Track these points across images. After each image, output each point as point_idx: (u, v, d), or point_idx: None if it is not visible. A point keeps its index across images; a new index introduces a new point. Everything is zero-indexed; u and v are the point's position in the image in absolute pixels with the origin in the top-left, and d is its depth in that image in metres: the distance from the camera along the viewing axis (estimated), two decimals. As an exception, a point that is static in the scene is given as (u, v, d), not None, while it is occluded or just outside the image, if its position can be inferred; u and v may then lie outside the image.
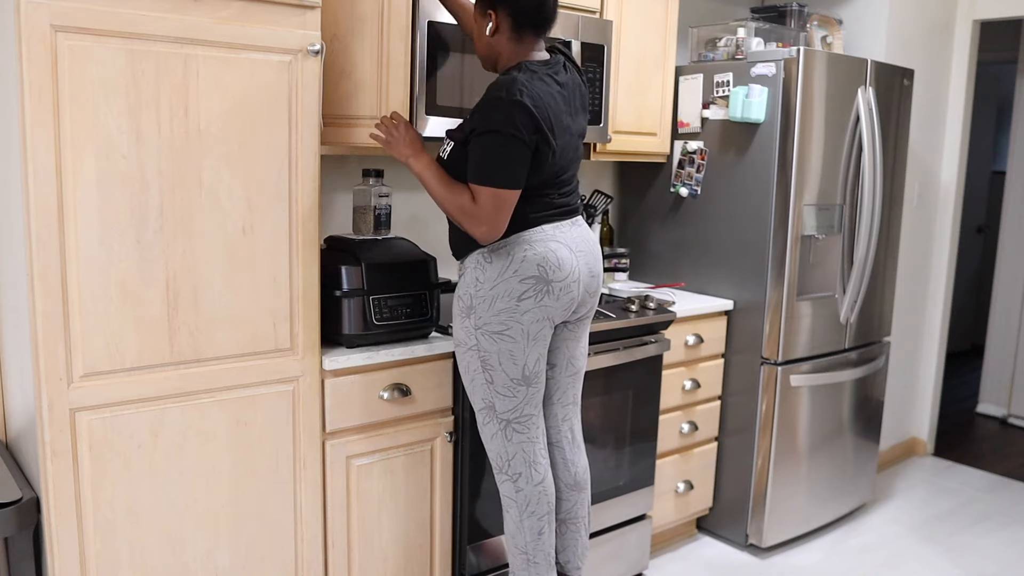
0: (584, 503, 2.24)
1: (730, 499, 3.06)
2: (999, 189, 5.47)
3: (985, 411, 4.82)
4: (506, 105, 1.82)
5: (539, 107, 1.84)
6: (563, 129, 1.93)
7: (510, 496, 2.08)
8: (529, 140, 1.83)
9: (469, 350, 1.99)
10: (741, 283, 2.94)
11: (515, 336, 1.95)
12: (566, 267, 1.95)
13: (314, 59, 1.86)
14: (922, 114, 3.72)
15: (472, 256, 1.99)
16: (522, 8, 1.89)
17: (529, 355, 1.98)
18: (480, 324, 1.96)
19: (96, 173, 1.62)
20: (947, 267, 3.97)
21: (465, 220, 1.88)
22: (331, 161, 2.53)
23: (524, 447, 2.04)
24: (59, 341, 1.62)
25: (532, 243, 1.94)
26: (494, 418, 2.03)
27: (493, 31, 1.92)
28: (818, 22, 3.28)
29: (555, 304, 1.96)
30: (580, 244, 2.01)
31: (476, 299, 1.96)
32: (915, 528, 3.30)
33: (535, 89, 1.85)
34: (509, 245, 1.94)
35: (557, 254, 1.95)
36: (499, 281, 1.93)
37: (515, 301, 1.93)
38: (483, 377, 2.00)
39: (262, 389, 1.90)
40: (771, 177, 2.81)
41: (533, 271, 1.92)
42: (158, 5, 1.64)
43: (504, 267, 1.93)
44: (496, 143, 1.83)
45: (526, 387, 2.00)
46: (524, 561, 2.11)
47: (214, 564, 1.90)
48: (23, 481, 1.79)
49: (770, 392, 2.90)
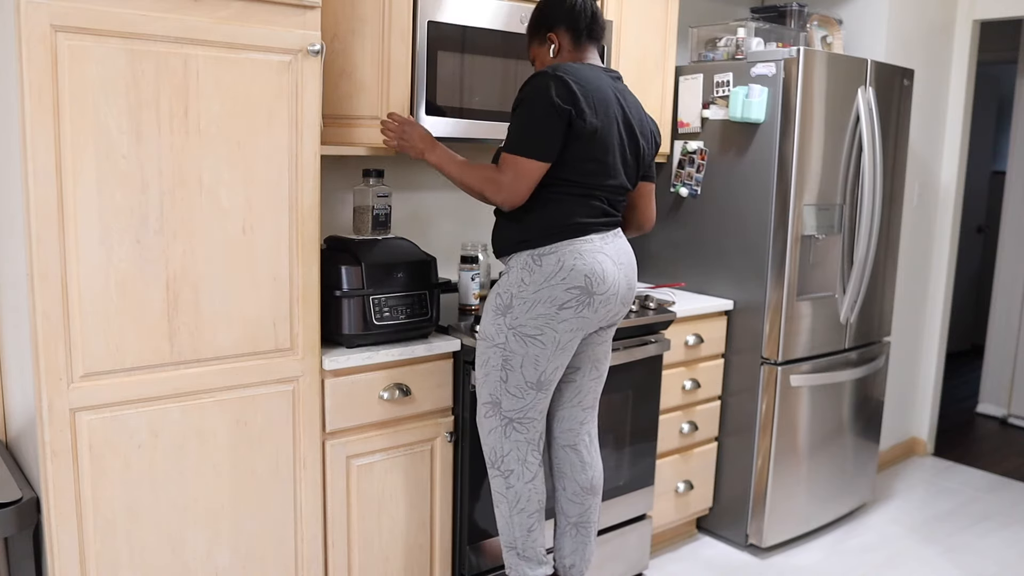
0: (596, 508, 2.24)
1: (730, 499, 3.06)
2: (999, 189, 5.47)
3: (985, 411, 4.82)
4: (544, 78, 1.90)
5: (579, 82, 1.90)
6: (610, 117, 1.96)
7: (501, 492, 2.09)
8: (562, 110, 1.87)
9: (495, 346, 1.99)
10: (741, 283, 2.94)
11: (546, 343, 1.95)
12: (609, 280, 1.97)
13: (314, 59, 1.86)
14: (922, 114, 3.72)
15: (521, 256, 1.98)
16: (578, 22, 2.01)
17: (551, 363, 1.98)
18: (514, 324, 1.95)
19: (96, 173, 1.62)
20: (947, 267, 3.97)
21: (487, 188, 1.93)
22: (331, 161, 2.53)
23: (519, 446, 2.05)
24: (59, 341, 1.62)
25: (583, 253, 1.94)
26: (497, 414, 2.03)
27: (557, 51, 2.04)
28: (818, 22, 3.28)
29: (592, 316, 1.97)
30: (622, 256, 2.03)
31: (517, 299, 1.95)
32: (915, 528, 3.30)
33: (581, 72, 1.93)
34: (560, 252, 1.93)
35: (603, 267, 1.96)
36: (544, 286, 1.93)
37: (556, 309, 1.93)
38: (499, 375, 2.00)
39: (262, 389, 1.90)
40: (771, 177, 2.81)
41: (580, 281, 1.93)
42: (158, 5, 1.64)
43: (553, 273, 1.93)
44: (526, 114, 1.90)
45: (536, 391, 2.01)
46: (514, 555, 2.12)
47: (214, 564, 1.90)
48: (23, 481, 1.79)
49: (770, 392, 2.90)
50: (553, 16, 2.03)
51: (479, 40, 2.31)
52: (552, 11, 2.04)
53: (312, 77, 1.87)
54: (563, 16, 2.02)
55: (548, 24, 2.04)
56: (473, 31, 2.29)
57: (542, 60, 2.08)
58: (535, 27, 2.08)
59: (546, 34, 2.05)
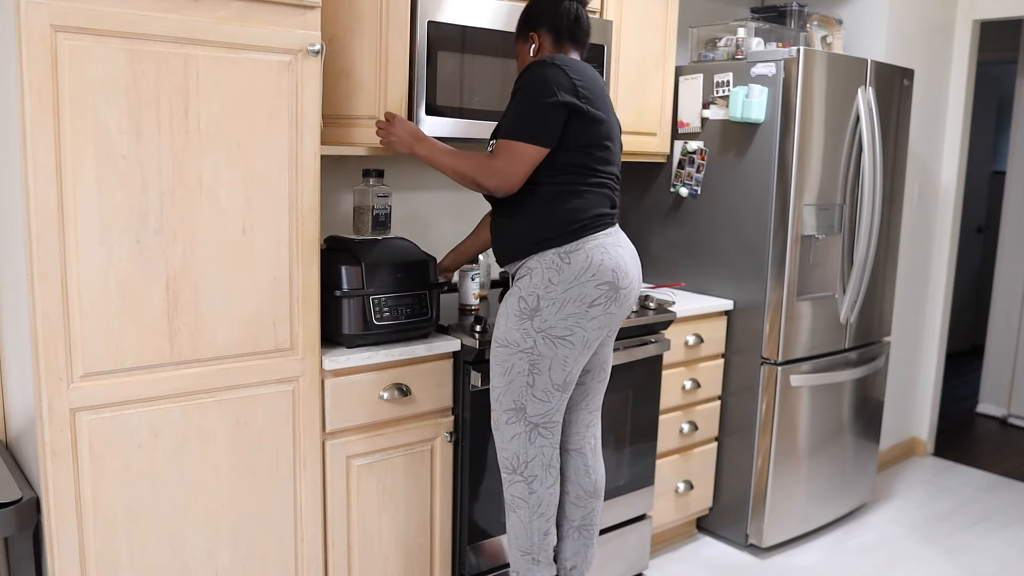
0: (598, 511, 2.24)
1: (730, 499, 3.06)
2: (999, 189, 5.47)
3: (985, 411, 4.82)
4: (542, 67, 1.92)
5: (575, 73, 1.92)
6: (607, 107, 1.99)
7: (521, 497, 2.07)
8: (560, 97, 1.88)
9: (521, 352, 1.96)
10: (741, 283, 2.94)
11: (575, 343, 1.94)
12: (631, 274, 1.98)
13: (314, 59, 1.86)
14: (922, 114, 3.72)
15: (545, 255, 1.94)
16: (560, 23, 2.02)
17: (578, 362, 1.98)
18: (544, 327, 1.93)
19: (96, 173, 1.62)
20: (947, 267, 3.97)
21: (480, 173, 1.92)
22: (331, 161, 2.53)
23: (544, 451, 2.04)
24: (59, 341, 1.62)
25: (607, 247, 1.94)
26: (522, 420, 2.01)
27: (537, 51, 2.05)
28: (818, 22, 3.28)
29: (619, 312, 1.97)
30: (632, 249, 2.05)
31: (545, 300, 1.92)
32: (915, 528, 3.30)
33: (575, 63, 1.95)
34: (587, 247, 1.92)
35: (624, 260, 1.97)
36: (574, 284, 1.91)
37: (586, 307, 1.92)
38: (525, 380, 1.97)
39: (262, 389, 1.90)
40: (771, 177, 2.81)
41: (608, 276, 1.92)
42: (158, 5, 1.64)
43: (583, 270, 1.91)
44: (522, 103, 1.91)
45: (562, 393, 2.00)
46: (529, 561, 2.11)
47: (214, 564, 1.90)
48: (23, 481, 1.79)
49: (770, 392, 2.90)
50: (536, 17, 2.06)
51: (479, 40, 2.31)
52: (536, 12, 2.06)
53: (312, 77, 1.87)
54: (546, 17, 2.04)
55: (531, 24, 2.07)
56: (473, 31, 2.29)
57: (523, 59, 2.10)
58: (520, 26, 2.10)
59: (528, 33, 2.07)
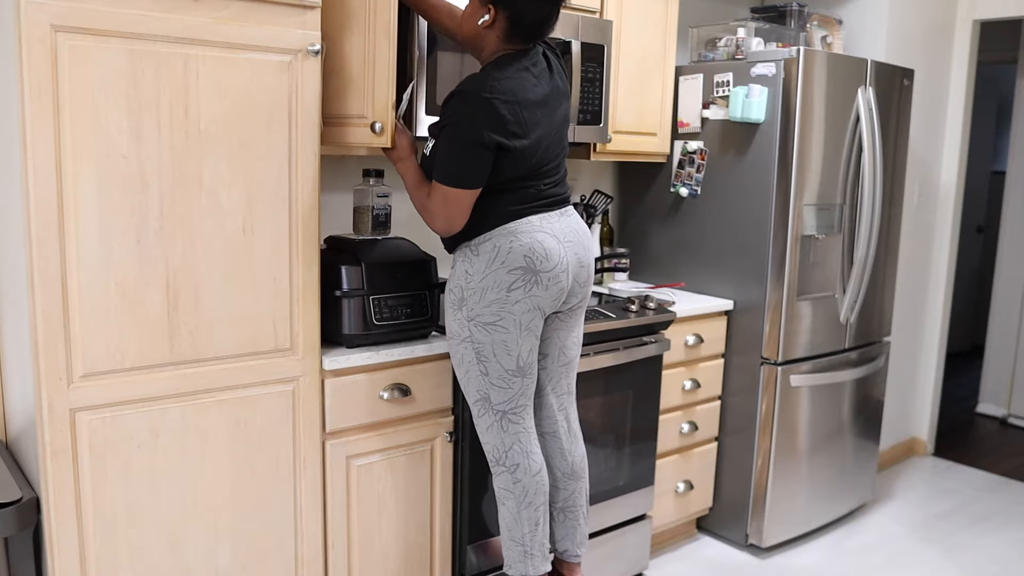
0: (582, 492, 2.24)
1: (730, 499, 3.06)
2: (999, 189, 5.47)
3: (985, 411, 4.82)
4: (471, 100, 1.85)
5: (508, 103, 1.86)
6: (536, 123, 1.93)
7: (507, 488, 2.08)
8: (489, 140, 1.85)
9: (463, 342, 2.01)
10: (741, 283, 2.94)
11: (508, 327, 1.97)
12: (553, 257, 1.97)
13: (314, 59, 1.86)
14: (922, 114, 3.72)
15: (460, 249, 2.02)
16: (522, 20, 1.90)
17: (523, 345, 1.99)
18: (472, 316, 1.98)
19: (96, 173, 1.62)
20: (947, 267, 3.97)
21: (423, 215, 1.99)
22: (331, 161, 2.53)
23: (520, 437, 2.06)
24: (59, 341, 1.62)
25: (517, 234, 1.96)
26: (490, 410, 2.04)
27: (487, 24, 1.93)
28: (818, 22, 3.28)
29: (544, 294, 1.98)
30: (568, 234, 2.03)
31: (467, 291, 1.98)
32: (915, 528, 3.30)
33: (506, 85, 1.87)
34: (495, 237, 1.96)
35: (544, 244, 1.96)
36: (487, 273, 1.96)
37: (505, 292, 1.95)
38: (478, 369, 2.01)
39: (262, 389, 1.90)
40: (771, 177, 2.81)
41: (520, 262, 1.94)
42: (158, 5, 1.64)
43: (491, 259, 1.96)
44: (451, 143, 1.89)
45: (521, 378, 2.02)
46: (521, 553, 2.11)
47: (214, 564, 1.90)
48: (23, 481, 1.78)
49: (770, 392, 2.90)
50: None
51: (479, 40, 2.30)
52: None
53: (312, 77, 1.87)
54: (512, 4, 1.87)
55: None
56: (473, 31, 2.29)
57: (470, 16, 1.95)
58: None
59: (488, 3, 1.90)
